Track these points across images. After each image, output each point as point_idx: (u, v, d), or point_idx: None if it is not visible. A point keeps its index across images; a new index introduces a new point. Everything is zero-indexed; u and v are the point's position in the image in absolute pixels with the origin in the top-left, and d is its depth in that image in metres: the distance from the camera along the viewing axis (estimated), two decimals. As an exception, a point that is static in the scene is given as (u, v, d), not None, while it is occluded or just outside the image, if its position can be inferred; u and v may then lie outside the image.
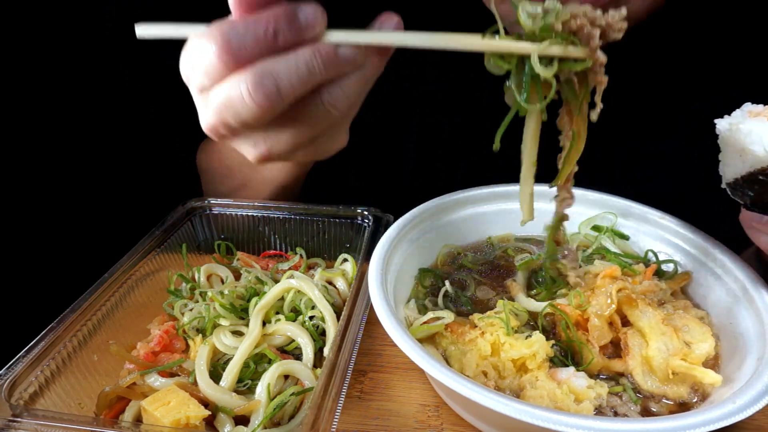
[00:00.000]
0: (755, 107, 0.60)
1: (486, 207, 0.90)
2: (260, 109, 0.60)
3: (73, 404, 0.66)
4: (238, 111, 0.61)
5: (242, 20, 0.59)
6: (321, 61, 0.60)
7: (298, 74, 0.59)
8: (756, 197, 0.60)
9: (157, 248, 0.86)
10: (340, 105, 0.63)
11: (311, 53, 0.59)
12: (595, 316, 0.69)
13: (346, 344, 0.66)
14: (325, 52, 0.60)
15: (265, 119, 0.62)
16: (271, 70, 0.59)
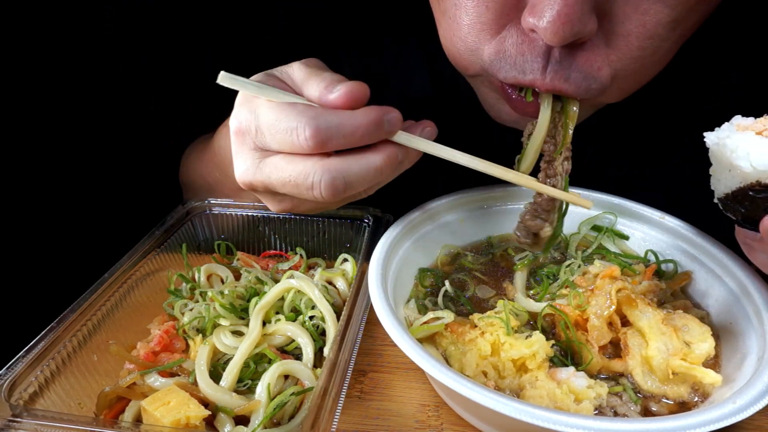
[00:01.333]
0: (744, 120, 0.58)
1: (486, 207, 0.90)
2: (324, 201, 0.66)
3: (73, 404, 0.66)
4: (299, 192, 0.66)
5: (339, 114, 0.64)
6: (389, 167, 0.67)
7: (366, 177, 0.66)
8: (747, 214, 0.57)
9: (157, 248, 0.86)
10: (372, 191, 0.71)
11: (383, 161, 0.66)
12: (594, 316, 0.69)
13: (346, 344, 0.66)
14: (392, 158, 0.67)
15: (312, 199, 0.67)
16: (345, 172, 0.64)
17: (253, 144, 0.68)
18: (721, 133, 0.58)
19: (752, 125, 0.56)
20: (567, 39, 0.63)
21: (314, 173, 0.64)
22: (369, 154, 0.66)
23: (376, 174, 0.66)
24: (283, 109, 0.64)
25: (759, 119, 0.57)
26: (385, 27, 1.06)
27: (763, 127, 0.55)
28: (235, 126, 0.68)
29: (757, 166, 0.54)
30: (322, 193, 0.64)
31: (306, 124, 0.62)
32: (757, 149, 0.54)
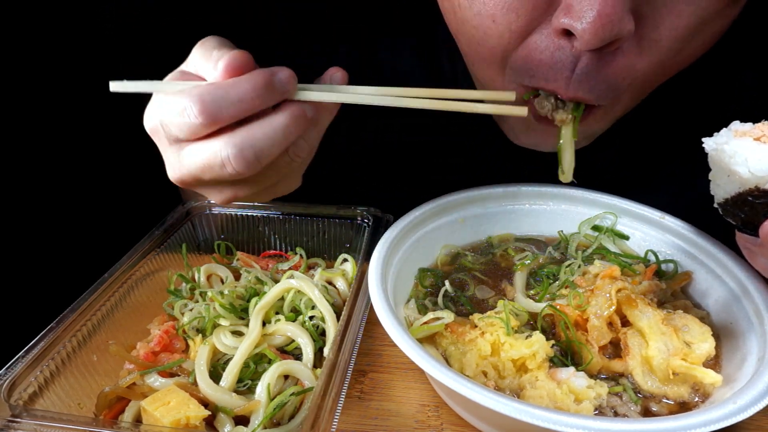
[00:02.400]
0: (742, 126, 0.57)
1: (486, 207, 0.90)
2: (241, 175, 0.63)
3: (72, 404, 0.66)
4: (218, 174, 0.64)
5: (222, 84, 0.62)
6: (295, 125, 0.64)
7: (274, 140, 0.63)
8: (747, 219, 0.57)
9: (157, 248, 0.86)
10: (303, 154, 0.68)
11: (286, 119, 0.64)
12: (594, 316, 0.69)
13: (346, 344, 0.66)
14: (297, 116, 0.64)
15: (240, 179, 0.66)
16: (251, 140, 0.62)
17: (166, 140, 0.67)
18: (720, 139, 0.58)
19: (750, 131, 0.56)
20: (606, 40, 0.61)
21: (221, 150, 0.62)
22: (271, 116, 0.63)
23: (284, 134, 0.63)
24: (174, 95, 0.63)
25: (757, 125, 0.56)
26: (384, 27, 1.06)
27: (761, 132, 0.55)
28: (147, 128, 0.68)
29: (755, 171, 0.54)
30: (235, 168, 0.62)
31: (191, 102, 0.61)
32: (754, 155, 0.54)
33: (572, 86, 0.68)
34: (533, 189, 0.91)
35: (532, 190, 0.91)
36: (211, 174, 0.64)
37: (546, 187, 0.91)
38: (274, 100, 0.64)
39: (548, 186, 0.91)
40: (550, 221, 0.91)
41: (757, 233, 0.56)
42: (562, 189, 0.90)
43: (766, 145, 0.54)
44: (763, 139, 0.54)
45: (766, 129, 0.55)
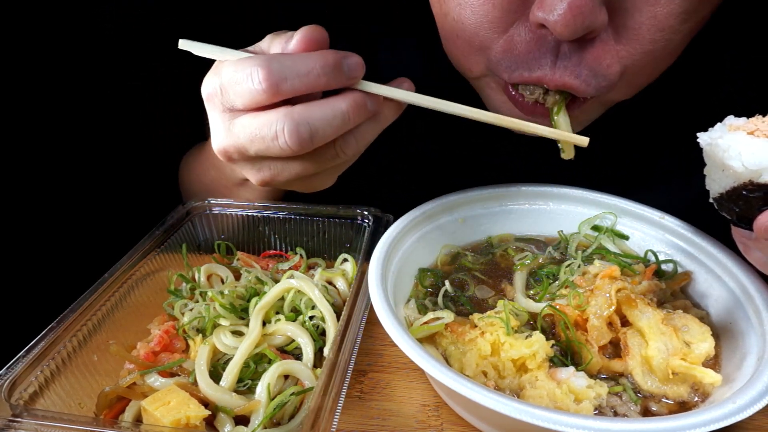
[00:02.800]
0: (736, 120, 0.58)
1: (486, 207, 0.90)
2: (290, 152, 0.63)
3: (73, 404, 0.66)
4: (267, 147, 0.64)
5: (291, 56, 0.63)
6: (355, 113, 0.65)
7: (332, 123, 0.64)
8: (741, 213, 0.58)
9: (157, 248, 0.86)
10: (350, 151, 0.68)
11: (347, 105, 0.64)
12: (594, 316, 0.69)
13: (346, 344, 0.66)
14: (359, 104, 0.65)
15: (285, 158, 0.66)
16: (308, 117, 0.62)
17: (221, 106, 0.66)
18: (714, 134, 0.58)
19: (744, 125, 0.57)
20: (578, 32, 0.62)
21: (277, 122, 0.62)
22: (333, 99, 0.64)
23: (342, 119, 0.64)
24: (241, 61, 0.63)
25: (751, 119, 0.57)
26: (384, 26, 1.06)
27: (754, 127, 0.56)
28: (204, 93, 0.68)
29: (749, 165, 0.54)
30: (287, 142, 0.62)
31: (258, 66, 0.60)
32: (748, 149, 0.55)
33: (558, 72, 0.69)
34: (533, 189, 0.91)
35: (532, 190, 0.91)
36: (259, 146, 0.64)
37: (546, 187, 0.91)
38: (339, 84, 0.64)
39: (548, 186, 0.91)
40: (550, 221, 0.91)
41: (752, 227, 0.57)
42: (562, 189, 0.90)
43: (759, 139, 0.54)
44: (757, 133, 0.55)
45: (760, 123, 0.56)
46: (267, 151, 0.64)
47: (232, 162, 0.70)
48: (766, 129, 0.55)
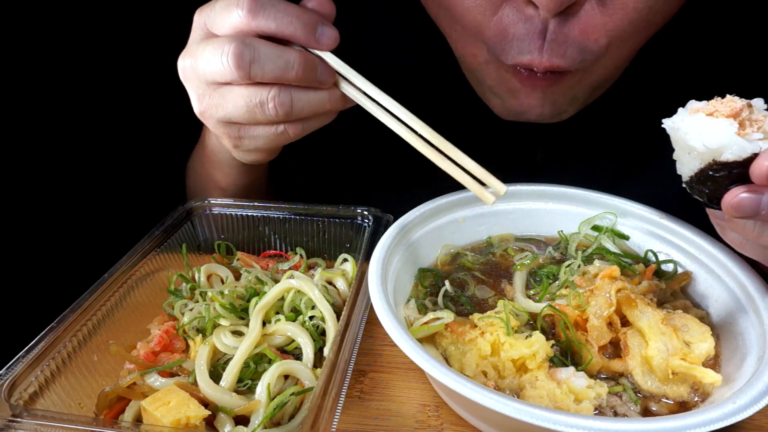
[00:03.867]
0: (697, 104, 0.60)
1: (486, 207, 0.90)
2: (275, 117, 0.72)
3: (73, 404, 0.66)
4: (254, 113, 0.72)
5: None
6: (330, 103, 0.75)
7: (312, 102, 0.73)
8: (711, 194, 0.59)
9: (157, 248, 0.86)
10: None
11: (327, 94, 0.75)
12: (594, 316, 0.69)
13: (346, 344, 0.66)
14: (335, 99, 0.76)
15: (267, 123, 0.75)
16: (293, 91, 0.72)
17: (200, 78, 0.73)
18: (677, 118, 0.60)
19: (704, 107, 0.59)
20: (564, 3, 0.64)
21: (265, 91, 0.70)
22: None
23: (320, 101, 0.73)
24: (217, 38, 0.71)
25: (710, 102, 0.59)
26: (372, 2, 1.07)
27: (713, 108, 0.58)
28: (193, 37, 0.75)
29: (709, 145, 0.56)
30: (276, 106, 0.70)
31: (237, 45, 0.67)
32: (707, 129, 0.56)
33: (546, 55, 0.71)
34: (533, 189, 0.91)
35: (532, 190, 0.91)
36: (246, 113, 0.72)
37: (546, 186, 0.91)
38: (309, 83, 0.72)
39: (548, 186, 0.91)
40: (550, 221, 0.91)
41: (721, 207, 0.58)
42: (562, 189, 0.90)
43: (717, 120, 0.56)
44: (716, 114, 0.57)
45: (718, 105, 0.58)
46: (253, 118, 0.72)
47: (212, 127, 0.78)
48: (725, 110, 0.56)
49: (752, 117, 0.56)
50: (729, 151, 0.55)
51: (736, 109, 0.56)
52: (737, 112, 0.56)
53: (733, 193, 0.55)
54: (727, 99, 0.58)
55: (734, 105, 0.56)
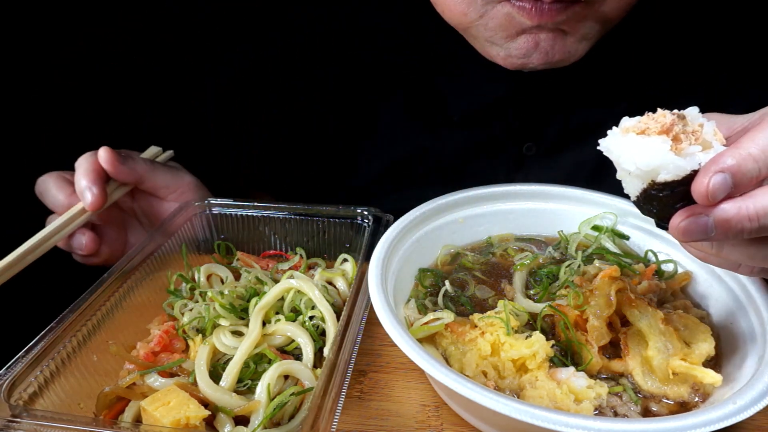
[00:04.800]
0: (629, 121, 0.55)
1: (486, 207, 0.90)
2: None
3: (72, 404, 0.66)
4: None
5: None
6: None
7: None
8: (659, 214, 0.55)
9: (157, 248, 0.86)
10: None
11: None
12: (594, 316, 0.69)
13: (346, 344, 0.66)
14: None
15: None
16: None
17: None
18: (609, 140, 0.56)
19: (635, 125, 0.54)
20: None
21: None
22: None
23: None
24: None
25: (642, 118, 0.54)
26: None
27: (644, 126, 0.53)
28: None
29: (642, 167, 0.52)
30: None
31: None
32: (638, 150, 0.52)
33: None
34: (533, 189, 0.91)
35: (532, 190, 0.91)
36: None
37: (546, 186, 0.91)
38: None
39: (548, 186, 0.91)
40: (550, 221, 0.91)
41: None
42: (562, 189, 0.90)
43: (647, 138, 0.52)
44: (648, 132, 0.53)
45: (650, 121, 0.53)
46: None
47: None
48: (656, 126, 0.52)
49: (687, 129, 0.52)
50: (665, 171, 0.51)
51: (666, 125, 0.52)
52: (668, 127, 0.52)
53: (677, 219, 0.52)
54: (657, 114, 0.53)
55: (664, 120, 0.52)
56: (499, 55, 0.86)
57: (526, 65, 0.85)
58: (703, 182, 0.49)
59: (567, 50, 0.84)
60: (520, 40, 0.82)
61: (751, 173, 0.48)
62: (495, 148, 1.04)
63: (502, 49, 0.85)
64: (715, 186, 0.48)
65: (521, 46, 0.83)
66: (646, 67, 1.01)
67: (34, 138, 1.34)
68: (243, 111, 1.16)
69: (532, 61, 0.84)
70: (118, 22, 1.36)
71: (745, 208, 0.49)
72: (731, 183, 0.48)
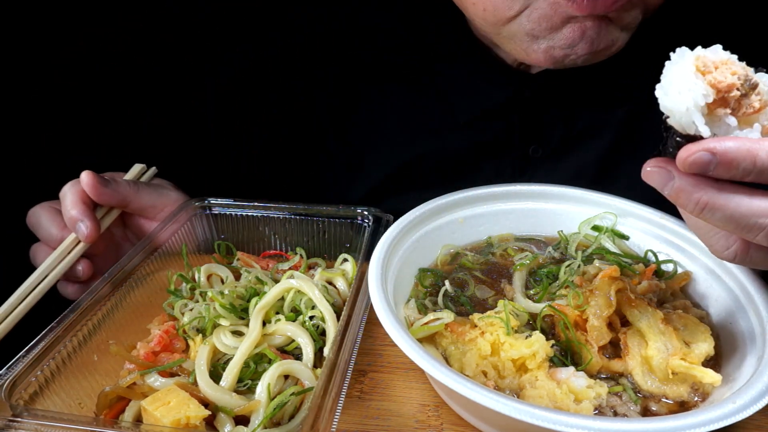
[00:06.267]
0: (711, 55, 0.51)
1: (486, 207, 0.90)
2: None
3: (73, 404, 0.66)
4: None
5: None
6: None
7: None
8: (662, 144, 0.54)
9: (157, 248, 0.86)
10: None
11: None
12: (593, 316, 0.69)
13: (346, 344, 0.66)
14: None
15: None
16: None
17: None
18: (677, 56, 0.52)
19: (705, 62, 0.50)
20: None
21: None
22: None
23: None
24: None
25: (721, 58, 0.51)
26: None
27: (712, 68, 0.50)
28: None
29: (664, 102, 0.51)
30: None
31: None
32: (675, 84, 0.50)
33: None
34: (533, 189, 0.91)
35: (532, 190, 0.91)
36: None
37: (546, 186, 0.91)
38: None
39: (548, 186, 0.91)
40: (550, 221, 0.91)
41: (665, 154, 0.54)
42: (562, 189, 0.90)
43: (696, 81, 0.49)
44: (707, 76, 0.50)
45: (722, 66, 0.50)
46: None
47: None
48: (716, 78, 0.49)
49: (743, 101, 0.50)
50: (673, 118, 0.50)
51: (725, 85, 0.49)
52: (725, 87, 0.49)
53: (651, 162, 0.54)
54: (734, 66, 0.50)
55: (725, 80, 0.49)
56: (540, 48, 0.84)
57: (569, 56, 0.83)
58: (691, 150, 0.49)
59: (611, 39, 0.82)
60: (566, 30, 0.80)
61: (741, 171, 0.49)
62: (500, 150, 1.04)
63: (545, 41, 0.82)
64: (695, 160, 0.49)
65: (567, 36, 0.81)
66: (650, 69, 1.00)
67: (35, 138, 1.34)
68: (243, 111, 1.16)
69: (577, 51, 0.82)
70: (118, 22, 1.36)
71: (704, 196, 0.51)
72: (713, 167, 0.48)
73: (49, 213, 0.91)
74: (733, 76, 0.50)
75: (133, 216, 0.98)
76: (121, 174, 0.98)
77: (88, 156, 1.40)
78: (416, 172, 1.08)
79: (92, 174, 0.88)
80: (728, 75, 0.50)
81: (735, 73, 0.50)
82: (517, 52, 0.88)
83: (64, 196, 0.88)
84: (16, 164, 1.29)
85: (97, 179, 0.88)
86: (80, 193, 0.88)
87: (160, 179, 1.04)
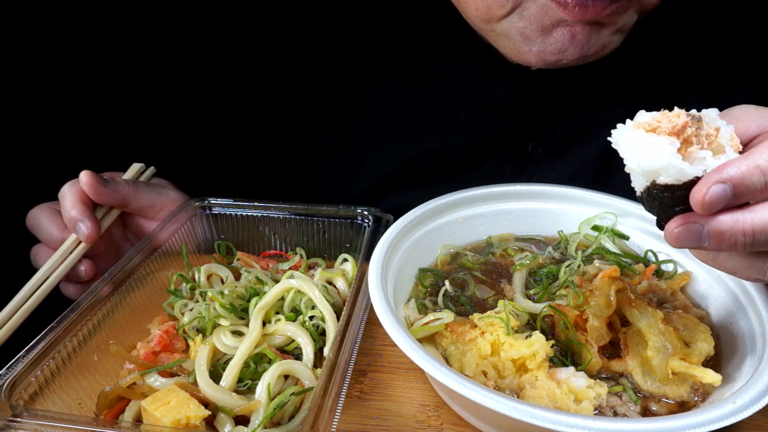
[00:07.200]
0: (644, 116, 0.53)
1: (486, 207, 0.90)
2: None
3: (73, 404, 0.66)
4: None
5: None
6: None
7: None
8: (659, 214, 0.55)
9: (157, 248, 0.86)
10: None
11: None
12: (593, 316, 0.69)
13: (346, 344, 0.66)
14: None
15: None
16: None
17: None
18: (620, 132, 0.55)
19: (648, 122, 0.52)
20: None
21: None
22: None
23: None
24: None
25: (657, 114, 0.53)
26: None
27: (657, 123, 0.52)
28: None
29: (645, 166, 0.51)
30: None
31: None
32: (644, 149, 0.51)
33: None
34: (533, 189, 0.91)
35: (532, 190, 0.91)
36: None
37: (546, 186, 0.91)
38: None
39: (548, 186, 0.91)
40: (550, 221, 0.91)
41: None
42: (561, 189, 0.90)
43: (654, 138, 0.51)
44: (658, 131, 0.51)
45: (663, 119, 0.52)
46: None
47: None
48: (667, 126, 0.51)
49: (701, 132, 0.51)
50: (666, 174, 0.51)
51: (678, 127, 0.50)
52: (680, 129, 0.50)
53: (672, 224, 0.52)
54: (672, 113, 0.52)
55: (676, 121, 0.51)
56: (531, 51, 0.84)
57: (560, 61, 0.83)
58: (701, 191, 0.48)
59: (602, 43, 0.82)
60: (556, 34, 0.80)
61: (756, 185, 0.47)
62: (500, 147, 1.04)
63: (535, 44, 0.83)
64: (712, 197, 0.47)
65: (557, 40, 0.81)
66: (651, 66, 1.01)
67: (35, 138, 1.34)
68: (243, 111, 1.16)
69: (567, 56, 0.82)
70: (118, 22, 1.36)
71: (742, 222, 0.48)
72: (731, 195, 0.47)
73: (48, 214, 0.90)
74: (677, 118, 0.51)
75: (133, 216, 0.97)
76: (120, 174, 0.98)
77: (87, 156, 1.40)
78: (417, 170, 1.08)
79: (91, 174, 0.88)
80: (674, 119, 0.51)
81: (678, 116, 0.51)
82: (510, 51, 0.88)
83: (64, 197, 0.88)
84: (16, 164, 1.29)
85: (97, 179, 0.88)
86: (79, 193, 0.87)
87: (160, 179, 1.04)
